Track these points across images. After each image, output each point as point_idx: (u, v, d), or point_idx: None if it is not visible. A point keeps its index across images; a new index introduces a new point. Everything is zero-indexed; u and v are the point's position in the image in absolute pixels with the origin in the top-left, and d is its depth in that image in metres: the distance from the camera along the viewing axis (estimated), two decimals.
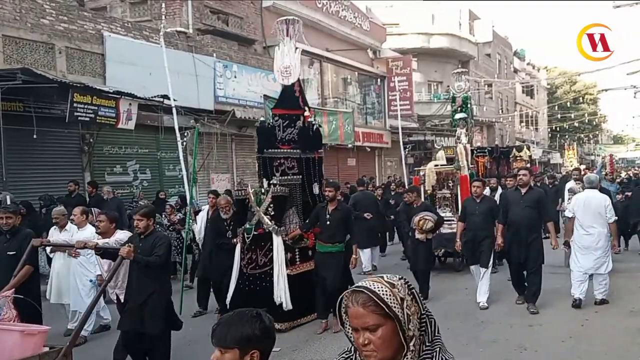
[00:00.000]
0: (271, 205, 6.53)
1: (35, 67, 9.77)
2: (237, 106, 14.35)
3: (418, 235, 7.48)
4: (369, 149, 21.03)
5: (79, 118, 9.70)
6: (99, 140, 11.18)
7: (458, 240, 7.25)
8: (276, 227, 6.44)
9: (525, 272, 6.79)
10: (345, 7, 20.60)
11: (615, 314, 6.48)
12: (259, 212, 6.55)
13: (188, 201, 8.37)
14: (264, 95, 14.80)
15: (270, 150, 6.96)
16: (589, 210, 6.78)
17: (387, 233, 11.97)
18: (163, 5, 13.60)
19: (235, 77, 14.64)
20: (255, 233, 6.52)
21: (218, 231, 6.90)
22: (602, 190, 8.98)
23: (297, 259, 6.65)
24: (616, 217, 6.96)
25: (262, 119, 7.45)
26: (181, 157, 9.80)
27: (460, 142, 10.59)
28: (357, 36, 21.45)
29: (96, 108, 9.80)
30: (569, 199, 8.64)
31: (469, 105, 11.89)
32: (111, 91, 10.26)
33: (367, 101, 22.72)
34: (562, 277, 7.69)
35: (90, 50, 11.25)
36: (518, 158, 17.92)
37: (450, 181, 9.96)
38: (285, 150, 6.97)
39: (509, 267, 7.10)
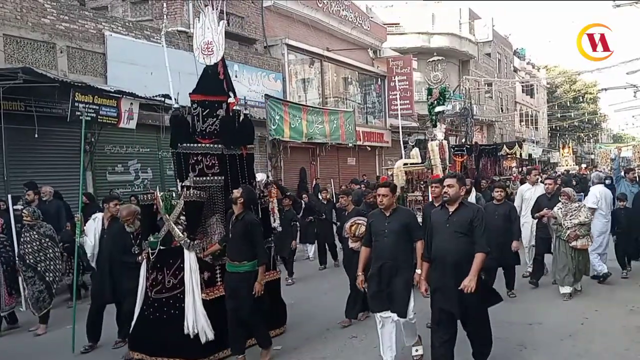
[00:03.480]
0: (183, 212, 5.37)
1: (37, 67, 9.80)
2: (238, 106, 14.35)
3: (352, 244, 6.20)
4: (369, 148, 21.06)
5: (80, 117, 9.72)
6: (100, 140, 11.21)
7: (360, 273, 5.02)
8: (188, 241, 5.22)
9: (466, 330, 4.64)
10: (346, 7, 20.62)
11: (614, 312, 6.51)
12: (168, 222, 5.35)
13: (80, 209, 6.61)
14: (265, 95, 14.89)
15: (185, 144, 5.67)
16: (607, 200, 8.35)
17: None
18: (164, 4, 13.62)
19: (236, 76, 14.65)
20: (162, 248, 5.34)
21: (124, 247, 5.75)
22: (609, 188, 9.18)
23: (218, 279, 5.46)
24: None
25: (175, 105, 6.22)
26: None
27: (433, 139, 9.48)
28: (358, 36, 21.48)
29: (97, 107, 9.84)
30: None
31: (447, 97, 10.82)
32: (112, 91, 10.28)
33: (367, 100, 22.74)
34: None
35: (92, 50, 11.28)
36: (509, 156, 16.70)
37: (422, 182, 8.70)
38: (203, 145, 5.68)
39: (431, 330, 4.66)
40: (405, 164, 9.10)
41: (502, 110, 36.96)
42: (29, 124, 9.45)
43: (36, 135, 9.40)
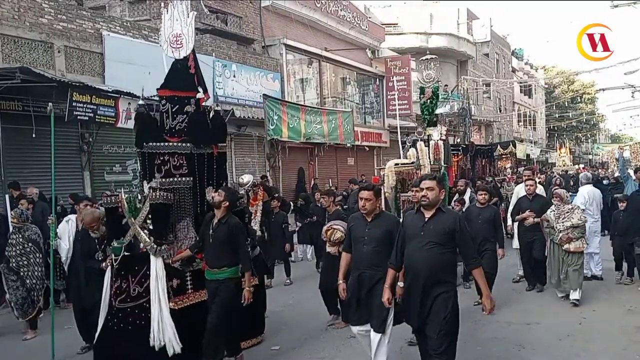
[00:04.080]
0: (150, 216, 5.00)
1: (34, 66, 9.77)
2: (236, 105, 14.37)
3: (329, 249, 6.13)
4: (367, 149, 21.05)
5: (78, 117, 9.72)
6: (98, 140, 11.19)
7: (341, 281, 4.66)
8: (154, 246, 4.84)
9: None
10: (344, 7, 20.62)
11: (612, 312, 6.52)
12: (134, 226, 5.01)
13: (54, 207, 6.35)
14: (264, 95, 14.88)
15: (151, 143, 5.26)
16: (595, 201, 8.52)
17: None
18: (162, 4, 13.59)
19: (234, 76, 14.66)
20: (127, 254, 4.99)
21: (88, 251, 5.53)
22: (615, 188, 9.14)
23: (189, 287, 5.12)
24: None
25: (140, 102, 5.83)
26: None
27: (424, 139, 9.20)
28: (356, 36, 21.47)
29: (95, 107, 9.82)
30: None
31: (446, 97, 10.46)
32: (110, 90, 10.27)
33: (365, 101, 22.74)
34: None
35: (89, 50, 11.26)
36: (504, 157, 16.44)
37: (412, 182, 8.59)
38: (170, 144, 5.27)
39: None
40: (396, 164, 8.85)
41: (500, 111, 37.00)
42: (26, 123, 9.42)
43: (34, 135, 9.38)
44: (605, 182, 13.39)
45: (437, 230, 3.96)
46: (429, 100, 9.75)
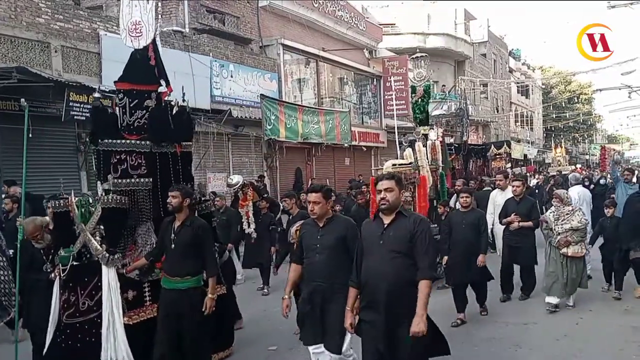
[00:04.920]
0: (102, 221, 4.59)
1: (31, 66, 9.76)
2: (233, 105, 14.37)
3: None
4: (365, 149, 21.07)
5: (75, 117, 9.70)
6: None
7: (287, 296, 4.16)
8: (106, 255, 4.43)
9: None
10: (342, 7, 20.63)
11: (609, 312, 6.53)
12: (84, 232, 4.55)
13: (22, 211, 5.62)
14: (261, 95, 14.89)
15: (107, 140, 4.78)
16: (585, 202, 8.84)
17: None
18: (159, 4, 13.57)
19: (231, 76, 14.65)
20: (75, 263, 4.53)
21: (31, 263, 4.98)
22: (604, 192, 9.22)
23: (147, 299, 4.72)
24: None
25: (96, 94, 5.30)
26: None
27: (420, 139, 9.08)
28: (354, 36, 21.49)
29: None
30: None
31: (431, 95, 10.24)
32: (107, 90, 10.24)
33: (363, 101, 22.75)
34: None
35: (86, 49, 11.24)
36: (498, 157, 16.13)
37: (410, 183, 8.18)
38: (127, 142, 4.80)
39: None
40: (394, 165, 8.72)
41: (497, 111, 37.06)
42: (23, 123, 9.37)
43: (30, 135, 9.32)
44: (602, 181, 13.38)
45: (397, 237, 3.42)
46: (420, 99, 9.70)
